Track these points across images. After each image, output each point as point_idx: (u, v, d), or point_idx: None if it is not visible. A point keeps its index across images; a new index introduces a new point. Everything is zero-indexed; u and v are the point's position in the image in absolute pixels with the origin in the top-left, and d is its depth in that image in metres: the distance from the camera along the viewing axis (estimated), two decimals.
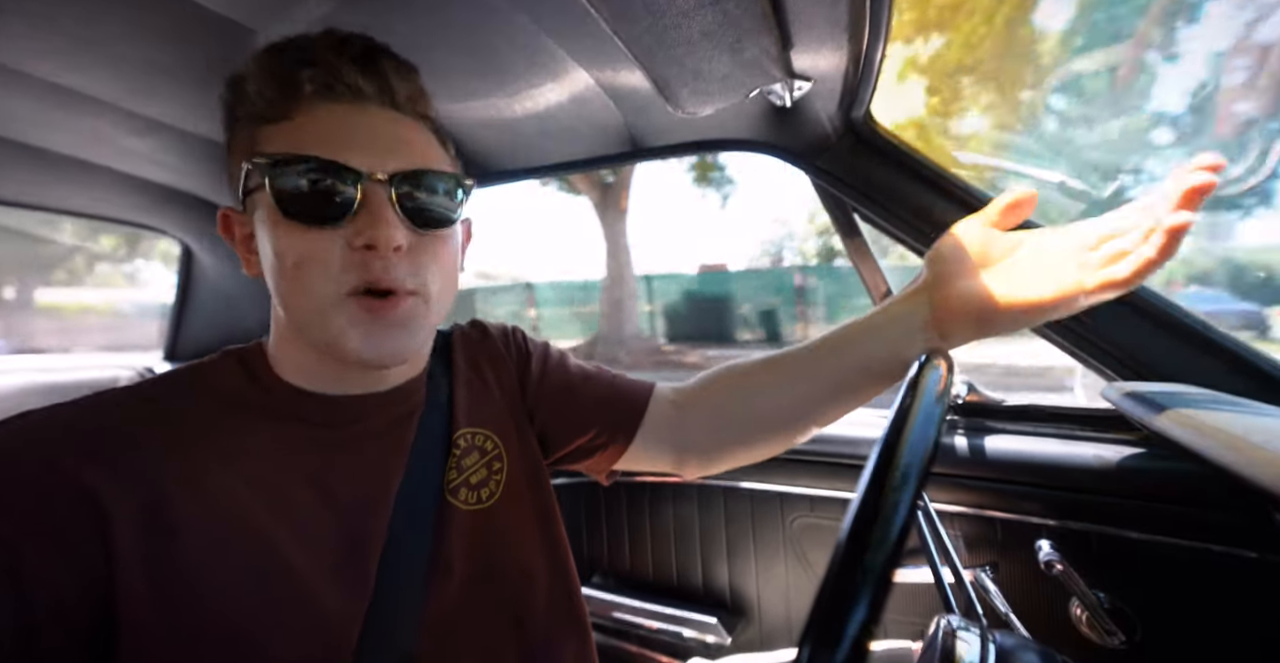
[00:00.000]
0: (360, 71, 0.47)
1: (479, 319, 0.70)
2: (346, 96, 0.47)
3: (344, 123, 0.46)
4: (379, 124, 0.48)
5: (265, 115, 0.47)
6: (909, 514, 0.25)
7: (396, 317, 0.47)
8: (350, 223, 0.45)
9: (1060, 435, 0.83)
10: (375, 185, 0.45)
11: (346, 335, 0.45)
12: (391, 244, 0.45)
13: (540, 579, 0.59)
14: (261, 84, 0.47)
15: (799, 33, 0.60)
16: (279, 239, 0.45)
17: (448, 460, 0.56)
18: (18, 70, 0.65)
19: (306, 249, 0.44)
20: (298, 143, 0.45)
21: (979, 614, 0.57)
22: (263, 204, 0.46)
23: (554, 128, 0.89)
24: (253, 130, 0.47)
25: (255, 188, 0.46)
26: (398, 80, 0.50)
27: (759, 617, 1.09)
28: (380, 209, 0.45)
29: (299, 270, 0.45)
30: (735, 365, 0.66)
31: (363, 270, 0.45)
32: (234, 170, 0.49)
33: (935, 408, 0.32)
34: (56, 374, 1.17)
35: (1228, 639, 0.69)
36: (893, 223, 0.82)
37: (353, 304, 0.45)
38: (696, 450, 0.66)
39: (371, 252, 0.45)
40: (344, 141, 0.45)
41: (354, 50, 0.48)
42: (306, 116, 0.46)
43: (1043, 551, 0.77)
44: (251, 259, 0.51)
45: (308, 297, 0.45)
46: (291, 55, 0.47)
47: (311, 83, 0.46)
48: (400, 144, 0.48)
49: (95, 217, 1.16)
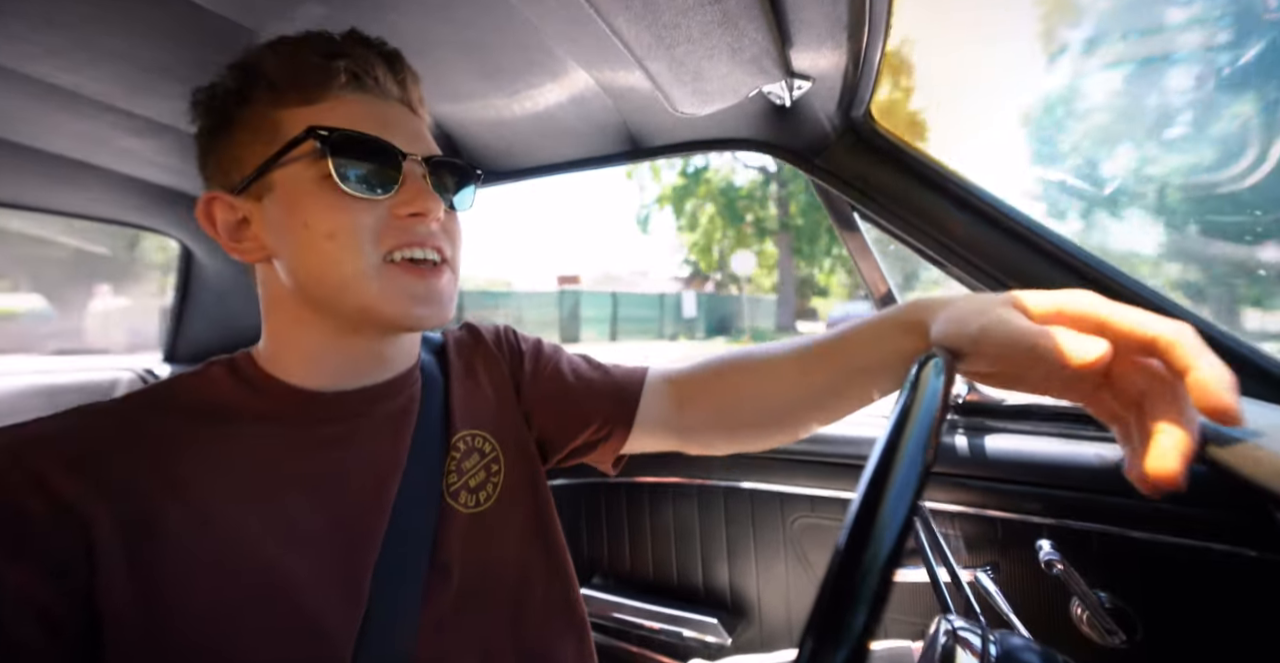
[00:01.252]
0: (388, 68, 0.52)
1: (470, 321, 0.70)
2: (374, 88, 0.51)
3: (376, 110, 0.50)
4: (402, 115, 0.52)
5: (287, 98, 0.48)
6: (909, 514, 0.25)
7: (441, 284, 0.51)
8: (393, 195, 0.48)
9: (1060, 435, 0.83)
10: (414, 164, 0.50)
11: (388, 298, 0.48)
12: (437, 214, 0.49)
13: (538, 580, 0.59)
14: (292, 69, 0.48)
15: (798, 32, 0.60)
16: (316, 210, 0.47)
17: (446, 463, 0.56)
18: (16, 71, 0.65)
19: (346, 219, 0.47)
20: (335, 124, 0.47)
21: (979, 614, 0.57)
22: (293, 180, 0.47)
23: (554, 128, 0.88)
24: (267, 111, 0.48)
25: (281, 165, 0.47)
26: (413, 84, 0.54)
27: (759, 617, 1.09)
28: (422, 184, 0.49)
29: (333, 240, 0.46)
30: (738, 358, 0.65)
31: (409, 235, 0.48)
32: (236, 152, 0.49)
33: (935, 408, 0.32)
34: (56, 376, 1.17)
35: (1228, 639, 0.69)
36: (893, 222, 0.82)
37: (394, 270, 0.48)
38: (698, 439, 0.66)
39: (417, 219, 0.49)
40: (381, 125, 0.49)
41: (380, 49, 0.52)
42: (336, 102, 0.48)
43: (1043, 550, 0.77)
44: (245, 246, 0.50)
45: (341, 265, 0.47)
46: (322, 45, 0.49)
47: (347, 72, 0.49)
48: (420, 135, 0.53)
49: (95, 218, 1.16)
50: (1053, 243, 0.71)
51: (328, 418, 0.51)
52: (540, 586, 0.59)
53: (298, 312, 0.50)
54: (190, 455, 0.45)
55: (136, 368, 1.27)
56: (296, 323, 0.51)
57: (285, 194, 0.48)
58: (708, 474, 1.11)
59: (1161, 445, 0.36)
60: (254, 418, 0.48)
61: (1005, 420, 0.89)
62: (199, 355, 1.33)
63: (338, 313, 0.49)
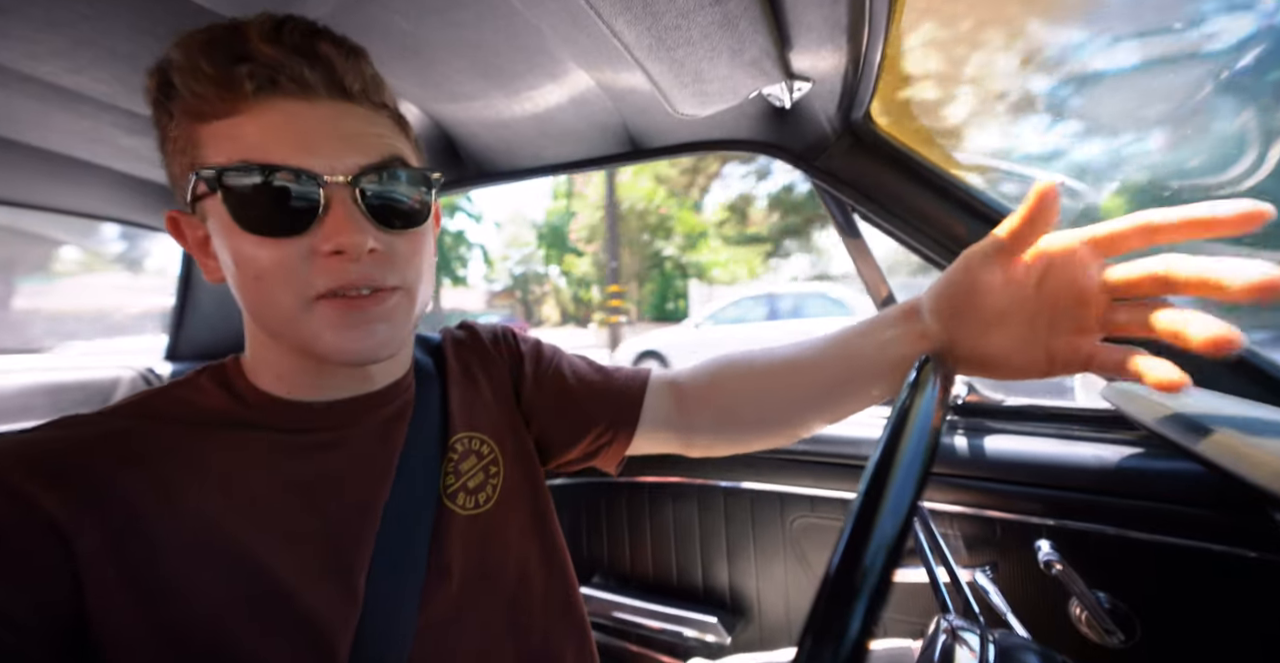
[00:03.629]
0: (305, 62, 0.43)
1: (468, 321, 0.70)
2: (293, 90, 0.43)
3: (293, 120, 0.42)
4: (332, 118, 0.44)
5: (202, 113, 0.43)
6: (909, 514, 0.25)
7: (379, 311, 0.45)
8: (316, 229, 0.42)
9: (1060, 436, 0.83)
10: (337, 188, 0.42)
11: (322, 338, 0.44)
12: (363, 249, 0.43)
13: (537, 581, 0.59)
14: (193, 80, 0.42)
15: (798, 34, 0.61)
16: (238, 251, 0.43)
17: (444, 465, 0.55)
18: (17, 70, 0.65)
19: (269, 260, 0.42)
20: (245, 145, 0.42)
21: (978, 614, 0.57)
22: (216, 213, 0.43)
23: (554, 128, 0.89)
24: (189, 129, 0.43)
25: (205, 195, 0.43)
26: (345, 67, 0.45)
27: (759, 617, 1.09)
28: (346, 213, 0.42)
29: (261, 282, 0.43)
30: (739, 359, 0.65)
31: (336, 275, 0.43)
32: (175, 171, 0.46)
33: (935, 408, 0.32)
34: (57, 374, 1.17)
35: (1227, 639, 0.69)
36: (892, 223, 0.82)
37: (324, 306, 0.43)
38: (701, 441, 0.66)
39: (343, 257, 0.43)
40: (297, 141, 0.42)
41: (292, 38, 0.43)
42: (249, 115, 0.42)
43: (1042, 550, 0.77)
44: (210, 264, 0.48)
45: (275, 307, 0.43)
46: (224, 47, 0.42)
47: (251, 79, 0.41)
48: (357, 138, 0.44)
49: (96, 216, 1.16)
50: None
51: (317, 427, 0.50)
52: (540, 586, 0.59)
53: (262, 337, 0.49)
54: (179, 462, 0.44)
55: (138, 367, 1.27)
56: (265, 345, 0.49)
57: (215, 226, 0.44)
58: (708, 474, 1.11)
59: (1199, 321, 0.36)
60: (243, 426, 0.48)
61: (1004, 421, 0.89)
62: (200, 353, 1.33)
63: (288, 346, 0.47)
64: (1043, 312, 0.45)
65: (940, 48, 7.51)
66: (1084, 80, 6.31)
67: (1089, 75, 5.94)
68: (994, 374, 0.49)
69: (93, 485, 0.40)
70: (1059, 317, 0.45)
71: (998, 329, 0.47)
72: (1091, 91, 6.42)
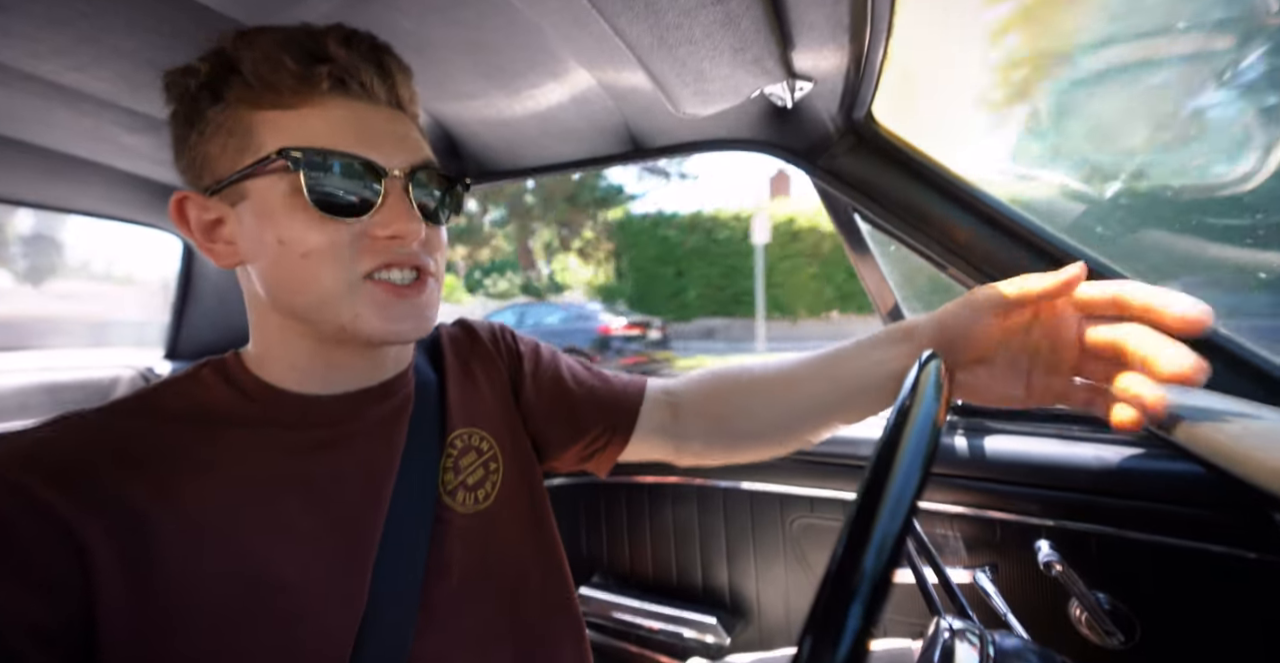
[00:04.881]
0: (374, 70, 0.48)
1: (464, 319, 0.70)
2: (359, 92, 0.48)
3: (359, 119, 0.47)
4: (388, 120, 0.49)
5: (264, 102, 0.45)
6: (909, 515, 0.25)
7: (424, 298, 0.49)
8: (373, 215, 0.46)
9: (1060, 436, 0.83)
10: (395, 181, 0.47)
11: (364, 318, 0.46)
12: (418, 236, 0.47)
13: (535, 579, 0.59)
14: (268, 69, 0.45)
15: (800, 33, 0.60)
16: (291, 228, 0.45)
17: (443, 461, 0.56)
18: (19, 69, 0.65)
19: (320, 239, 0.45)
20: (313, 135, 0.45)
21: (977, 615, 0.57)
22: (267, 192, 0.45)
23: (555, 128, 0.88)
24: (242, 114, 0.46)
25: (255, 175, 0.45)
26: (402, 81, 0.51)
27: (759, 617, 1.09)
28: (402, 203, 0.47)
29: (308, 260, 0.45)
30: (735, 372, 0.67)
31: (384, 255, 0.47)
32: (212, 151, 0.47)
33: (935, 408, 0.32)
34: (57, 373, 1.17)
35: (1227, 640, 0.69)
36: (894, 224, 0.82)
37: (372, 287, 0.47)
38: (692, 451, 0.67)
39: (396, 241, 0.47)
40: (363, 138, 0.46)
41: (364, 48, 0.49)
42: (317, 108, 0.46)
43: (1042, 551, 0.77)
44: (218, 249, 0.49)
45: (317, 284, 0.46)
46: (305, 46, 0.46)
47: (329, 78, 0.46)
48: (407, 140, 0.50)
49: (97, 215, 1.16)
50: (1056, 246, 0.71)
51: (320, 422, 0.50)
52: (538, 584, 0.59)
53: (279, 320, 0.49)
54: (182, 461, 0.44)
55: (137, 366, 1.27)
56: (279, 331, 0.50)
57: (259, 206, 0.46)
58: (707, 475, 1.11)
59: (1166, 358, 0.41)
60: (246, 422, 0.48)
61: (1004, 422, 0.89)
62: (200, 352, 1.33)
63: (316, 327, 0.48)
64: (1025, 353, 0.52)
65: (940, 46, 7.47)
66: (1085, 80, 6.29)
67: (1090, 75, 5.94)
68: (977, 400, 0.55)
69: (99, 485, 0.40)
70: (1039, 359, 0.52)
71: (985, 364, 0.54)
72: (1092, 91, 6.41)
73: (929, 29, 0.74)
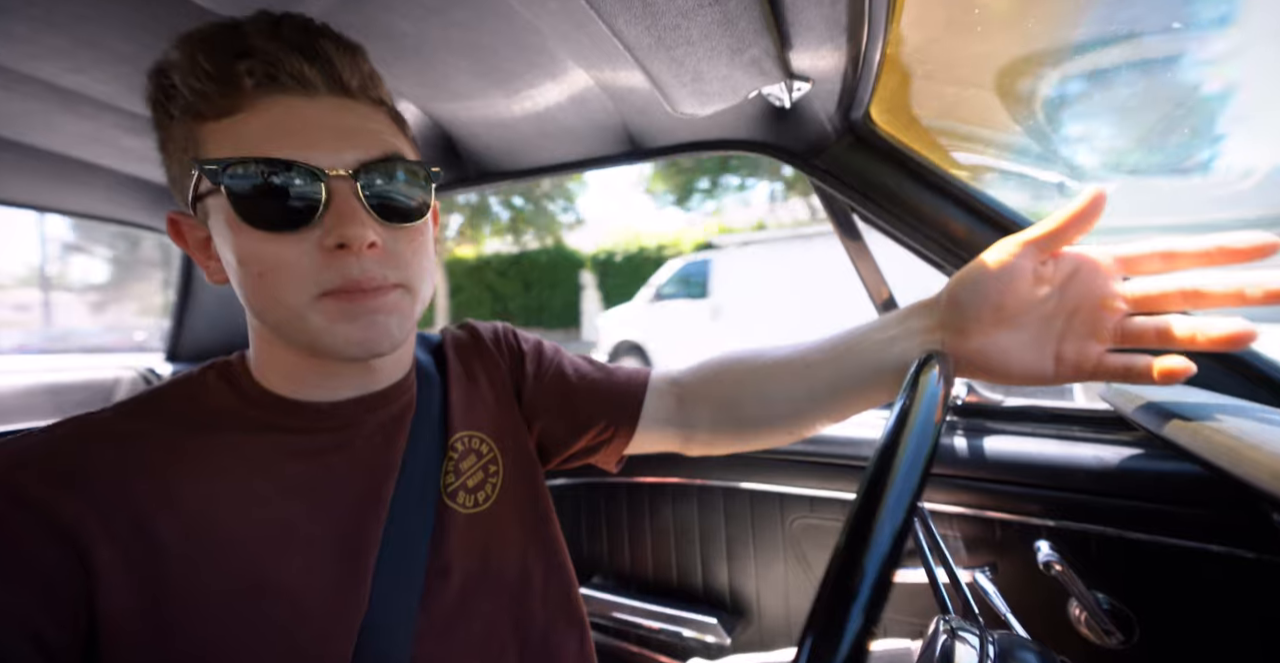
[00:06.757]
0: (304, 58, 0.43)
1: (469, 320, 0.70)
2: (293, 87, 0.43)
3: (294, 116, 0.43)
4: (332, 114, 0.44)
5: (202, 112, 0.43)
6: (909, 515, 0.25)
7: (379, 304, 0.45)
8: (318, 223, 0.42)
9: (1059, 436, 0.83)
10: (339, 182, 0.42)
11: (328, 333, 0.44)
12: (365, 242, 0.42)
13: (537, 580, 0.59)
14: (193, 78, 0.42)
15: (798, 33, 0.61)
16: (241, 247, 0.42)
17: (444, 464, 0.56)
18: (17, 71, 0.65)
19: (273, 256, 0.42)
20: (246, 142, 0.42)
21: (978, 615, 0.57)
22: (218, 210, 0.43)
23: (553, 128, 0.89)
24: (191, 128, 0.43)
25: (207, 193, 0.44)
26: (344, 64, 0.45)
27: (759, 617, 1.09)
28: (348, 207, 0.42)
29: (264, 279, 0.42)
30: (742, 357, 0.65)
31: (339, 270, 0.43)
32: (175, 172, 0.46)
33: (935, 409, 0.32)
34: (59, 374, 1.17)
35: (1227, 640, 0.69)
36: (892, 224, 0.82)
37: (328, 303, 0.43)
38: (700, 439, 0.66)
39: (345, 251, 0.42)
40: (298, 137, 0.42)
41: (291, 35, 0.44)
42: (250, 112, 0.42)
43: (1041, 551, 0.77)
44: (212, 266, 0.48)
45: (280, 304, 0.43)
46: (223, 45, 0.42)
47: (251, 75, 0.42)
48: (357, 133, 0.45)
49: (98, 217, 1.16)
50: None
51: (321, 428, 0.50)
52: (540, 585, 0.59)
53: (266, 333, 0.48)
54: (185, 464, 0.44)
55: (139, 367, 1.27)
56: (268, 343, 0.49)
57: (216, 225, 0.44)
58: (708, 474, 1.11)
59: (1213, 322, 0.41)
60: (248, 426, 0.48)
61: (1004, 422, 0.89)
62: (200, 355, 1.33)
63: (293, 342, 0.46)
64: (1060, 314, 0.47)
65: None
66: (1083, 79, 6.30)
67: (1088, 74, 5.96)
68: (994, 377, 0.50)
69: (101, 489, 0.40)
70: (1075, 322, 0.47)
71: (1010, 328, 0.49)
72: (1091, 90, 6.42)
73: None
